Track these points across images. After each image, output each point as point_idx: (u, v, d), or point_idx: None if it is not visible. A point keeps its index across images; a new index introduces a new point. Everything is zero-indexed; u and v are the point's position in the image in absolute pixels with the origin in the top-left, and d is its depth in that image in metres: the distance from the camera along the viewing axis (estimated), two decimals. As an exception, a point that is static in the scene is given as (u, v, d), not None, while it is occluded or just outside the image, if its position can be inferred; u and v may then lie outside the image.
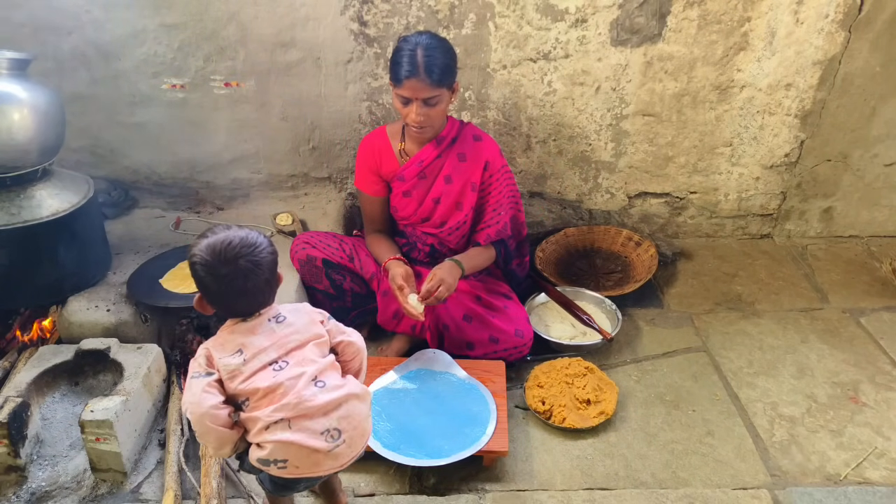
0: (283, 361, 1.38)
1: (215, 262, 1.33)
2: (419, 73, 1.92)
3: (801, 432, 2.00)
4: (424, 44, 1.94)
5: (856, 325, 2.46)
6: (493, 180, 2.21)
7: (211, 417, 1.32)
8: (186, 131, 2.67)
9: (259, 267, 1.36)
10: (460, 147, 2.17)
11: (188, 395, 1.35)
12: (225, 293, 1.37)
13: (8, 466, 1.74)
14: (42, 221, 1.98)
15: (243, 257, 1.34)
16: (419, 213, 2.23)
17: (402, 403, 1.96)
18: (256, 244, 1.37)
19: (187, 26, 2.46)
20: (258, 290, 1.38)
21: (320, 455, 1.35)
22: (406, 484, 1.82)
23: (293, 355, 1.40)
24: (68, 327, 2.06)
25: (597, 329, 2.32)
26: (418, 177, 2.18)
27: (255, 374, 1.35)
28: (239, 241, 1.35)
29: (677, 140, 2.75)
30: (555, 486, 1.81)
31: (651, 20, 2.49)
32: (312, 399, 1.35)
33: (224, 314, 1.41)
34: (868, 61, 2.58)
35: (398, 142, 2.20)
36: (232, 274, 1.34)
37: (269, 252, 1.39)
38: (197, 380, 1.35)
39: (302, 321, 1.45)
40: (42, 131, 1.98)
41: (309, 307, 1.51)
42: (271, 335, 1.40)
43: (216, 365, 1.36)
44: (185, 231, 2.57)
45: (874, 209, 2.94)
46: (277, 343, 1.39)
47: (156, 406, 1.98)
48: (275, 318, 1.42)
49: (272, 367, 1.37)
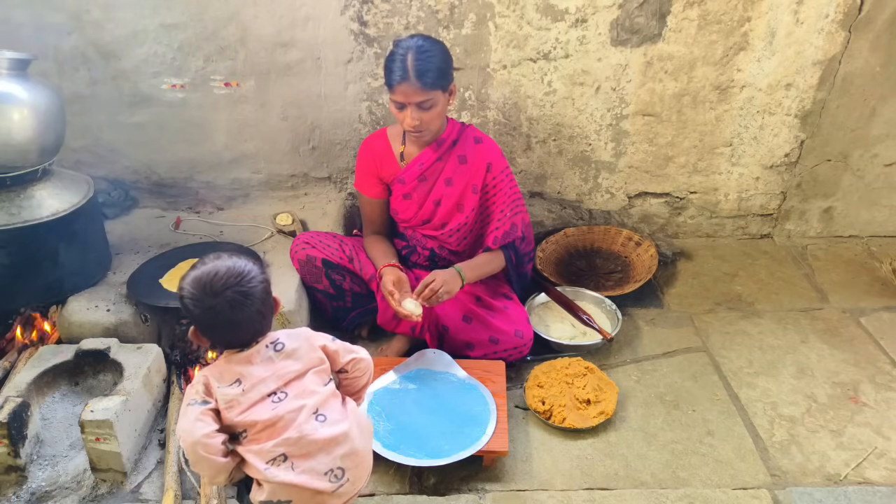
0: (281, 392, 1.35)
1: (202, 294, 1.30)
2: (410, 77, 1.91)
3: (801, 432, 2.00)
4: (416, 47, 1.93)
5: (856, 325, 2.46)
6: (496, 182, 2.20)
7: (203, 446, 1.29)
8: (186, 131, 2.67)
9: (248, 297, 1.32)
10: (461, 149, 2.17)
11: (182, 422, 1.33)
12: (215, 325, 1.33)
13: (8, 466, 1.74)
14: (42, 221, 1.98)
15: (230, 288, 1.30)
16: (420, 216, 2.23)
17: (402, 403, 1.96)
18: (244, 273, 1.33)
19: (187, 26, 2.46)
20: (249, 320, 1.34)
21: (325, 495, 1.34)
22: (406, 484, 1.82)
23: (292, 386, 1.37)
24: (68, 327, 2.06)
25: (597, 329, 2.32)
26: (419, 179, 2.18)
27: (254, 406, 1.33)
28: (226, 271, 1.31)
29: (677, 140, 2.75)
30: (555, 486, 1.81)
31: (651, 20, 2.49)
32: (313, 433, 1.33)
33: (219, 345, 1.37)
34: (868, 61, 2.58)
35: (399, 144, 2.19)
36: (219, 306, 1.30)
37: (258, 281, 1.34)
38: (192, 407, 1.32)
39: (302, 348, 1.41)
40: (42, 131, 1.98)
41: (309, 332, 1.47)
42: (270, 364, 1.37)
43: (214, 394, 1.33)
44: (185, 231, 2.57)
45: (874, 209, 2.94)
46: (276, 374, 1.36)
47: (156, 406, 1.98)
48: (273, 344, 1.39)
49: (271, 399, 1.34)
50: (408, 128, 2.02)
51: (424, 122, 2.01)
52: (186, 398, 1.35)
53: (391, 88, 1.96)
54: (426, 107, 1.98)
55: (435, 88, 1.95)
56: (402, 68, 1.92)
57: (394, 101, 1.99)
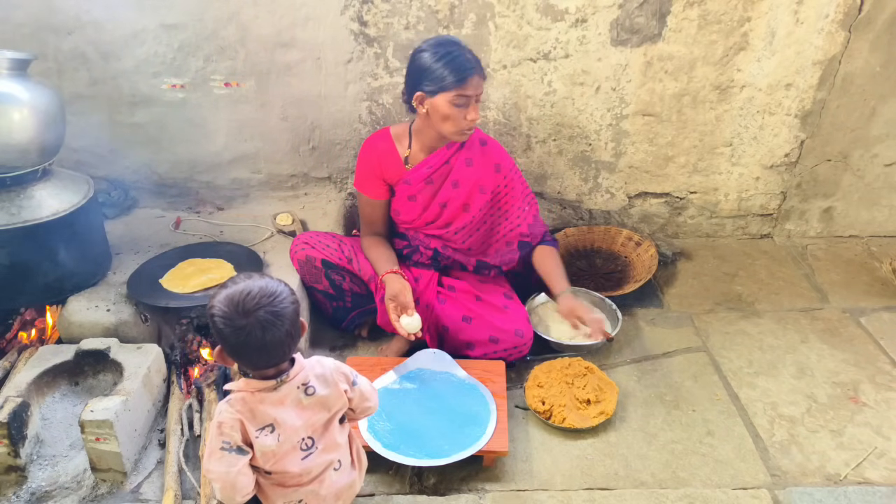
0: (309, 439, 1.38)
1: (234, 313, 1.27)
2: (479, 67, 1.92)
3: (801, 432, 2.00)
4: (460, 42, 1.95)
5: (856, 325, 2.46)
6: (507, 181, 2.22)
7: (243, 497, 1.35)
8: (186, 131, 2.67)
9: (280, 318, 1.29)
10: (468, 153, 2.17)
11: (217, 467, 1.31)
12: (245, 346, 1.30)
13: (8, 466, 1.74)
14: (42, 221, 1.97)
15: (263, 308, 1.28)
16: (424, 217, 2.23)
17: (402, 403, 1.96)
18: (276, 294, 1.30)
19: (187, 26, 2.46)
20: (279, 342, 1.30)
21: None
22: (406, 484, 1.82)
23: (323, 438, 1.40)
24: (68, 327, 2.06)
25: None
26: (425, 182, 2.17)
27: (286, 456, 1.36)
28: (258, 290, 1.29)
29: (677, 140, 2.75)
30: (555, 486, 1.81)
31: (651, 20, 2.49)
32: (332, 486, 1.44)
33: (245, 367, 1.35)
34: (868, 61, 2.58)
35: (404, 145, 2.18)
36: (250, 326, 1.27)
37: (290, 302, 1.32)
38: (229, 455, 1.31)
39: (332, 396, 1.41)
40: (42, 131, 1.98)
41: (334, 372, 1.44)
42: (301, 411, 1.37)
43: (251, 439, 1.32)
44: (185, 231, 2.57)
45: (874, 209, 2.94)
46: (307, 422, 1.37)
47: (156, 406, 1.98)
48: (304, 387, 1.37)
49: (301, 447, 1.37)
50: (470, 122, 1.98)
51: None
52: (218, 436, 1.32)
53: (461, 82, 1.91)
54: (481, 99, 1.98)
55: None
56: (469, 60, 1.90)
57: (460, 97, 1.93)
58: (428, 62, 1.94)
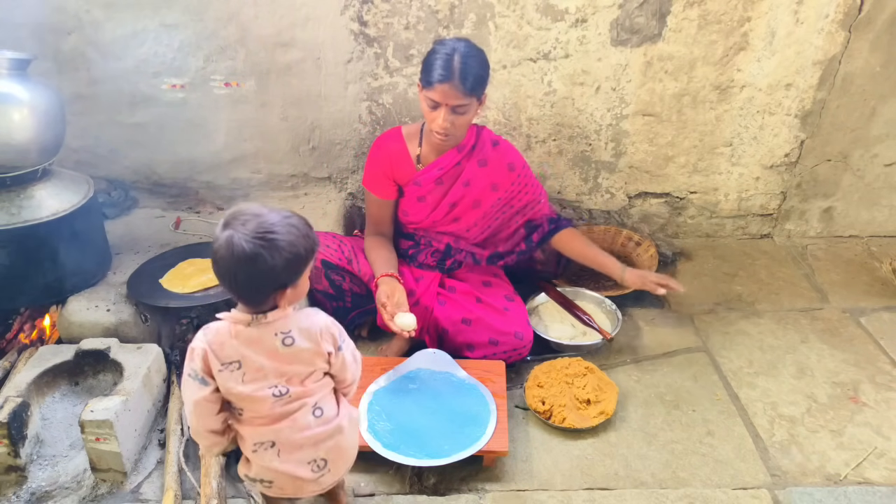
0: (284, 388, 1.34)
1: (221, 223, 1.25)
2: (453, 78, 1.89)
3: (801, 432, 2.00)
4: (462, 50, 1.92)
5: (856, 325, 2.46)
6: (520, 179, 2.25)
7: (207, 431, 1.35)
8: (186, 131, 2.67)
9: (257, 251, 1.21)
10: (480, 154, 2.17)
11: (185, 391, 1.35)
12: (215, 262, 1.25)
13: (8, 466, 1.74)
14: (42, 221, 1.97)
15: (247, 231, 1.22)
16: (432, 217, 2.23)
17: (402, 403, 1.95)
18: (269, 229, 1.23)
19: (187, 26, 2.46)
20: (250, 274, 1.23)
21: (305, 482, 1.41)
22: (406, 484, 1.82)
23: (294, 384, 1.35)
24: (68, 327, 2.06)
25: (597, 329, 2.32)
26: (436, 182, 2.17)
27: (255, 395, 1.32)
28: (255, 215, 1.23)
29: (677, 140, 2.75)
30: (555, 486, 1.81)
31: (651, 20, 2.49)
32: (307, 429, 1.37)
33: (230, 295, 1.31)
34: (868, 61, 2.58)
35: (415, 146, 2.18)
36: (223, 239, 1.22)
37: (280, 247, 1.23)
38: (193, 382, 1.32)
39: (308, 352, 1.34)
40: (42, 131, 1.98)
41: (321, 328, 1.37)
42: (274, 356, 1.31)
43: (213, 371, 1.31)
44: (185, 231, 2.57)
45: (874, 209, 2.94)
46: (278, 370, 1.33)
47: (156, 406, 1.98)
48: (283, 335, 1.32)
49: (272, 392, 1.33)
50: (437, 129, 1.99)
51: (455, 126, 1.99)
52: (189, 361, 1.32)
53: (429, 85, 1.92)
54: (460, 111, 1.96)
55: (472, 95, 1.94)
56: (446, 67, 1.89)
57: (428, 99, 1.96)
58: (427, 55, 1.98)
